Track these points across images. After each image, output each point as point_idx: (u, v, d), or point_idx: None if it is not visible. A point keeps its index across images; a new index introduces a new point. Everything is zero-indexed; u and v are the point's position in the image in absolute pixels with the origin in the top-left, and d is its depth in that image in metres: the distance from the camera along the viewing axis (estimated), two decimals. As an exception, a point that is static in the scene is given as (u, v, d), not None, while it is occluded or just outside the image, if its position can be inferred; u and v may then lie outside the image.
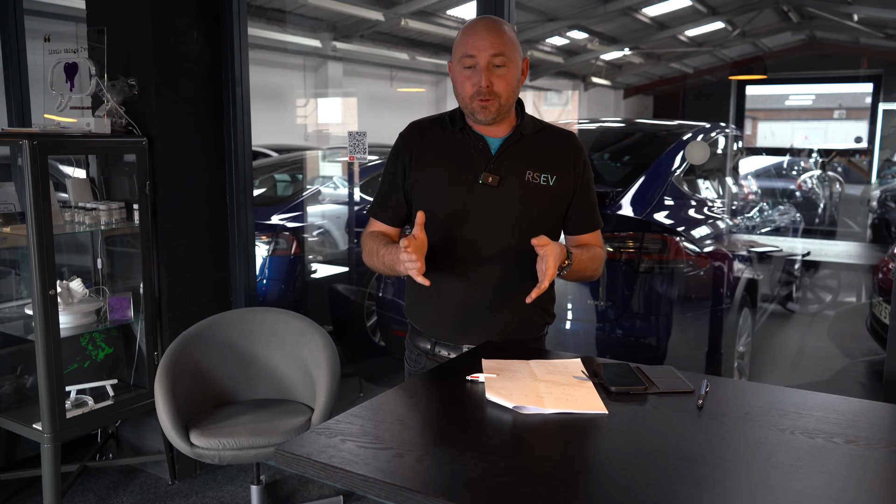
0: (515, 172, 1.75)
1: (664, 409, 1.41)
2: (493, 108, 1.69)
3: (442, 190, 1.77)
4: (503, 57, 1.67)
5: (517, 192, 1.74)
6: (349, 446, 1.23)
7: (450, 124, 1.80)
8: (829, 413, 1.38)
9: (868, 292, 5.01)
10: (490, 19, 1.72)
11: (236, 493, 3.04)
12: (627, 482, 1.12)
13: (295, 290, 4.40)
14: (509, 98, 1.72)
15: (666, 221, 3.37)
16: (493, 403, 1.41)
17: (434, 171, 1.78)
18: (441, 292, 1.79)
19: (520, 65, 1.73)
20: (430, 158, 1.79)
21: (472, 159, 1.75)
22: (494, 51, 1.66)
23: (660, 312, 3.31)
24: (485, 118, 1.71)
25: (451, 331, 1.82)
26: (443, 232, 1.76)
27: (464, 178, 1.75)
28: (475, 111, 1.71)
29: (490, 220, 1.74)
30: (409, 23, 9.26)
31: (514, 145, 1.77)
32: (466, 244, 1.76)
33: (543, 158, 1.77)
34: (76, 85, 2.82)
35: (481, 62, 1.66)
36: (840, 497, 1.07)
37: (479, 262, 1.76)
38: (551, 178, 1.76)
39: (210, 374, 2.69)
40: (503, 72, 1.68)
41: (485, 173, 1.73)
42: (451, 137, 1.79)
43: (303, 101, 11.41)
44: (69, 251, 3.09)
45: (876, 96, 6.60)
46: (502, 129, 1.78)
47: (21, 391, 2.95)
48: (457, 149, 1.77)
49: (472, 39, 1.67)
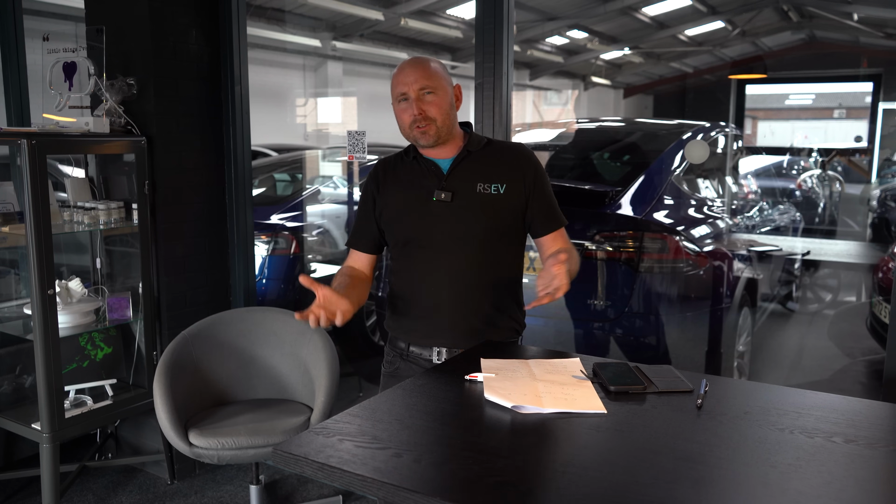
0: (467, 186, 1.87)
1: (663, 409, 1.41)
2: (432, 131, 1.84)
3: (403, 212, 1.92)
4: (430, 87, 1.83)
5: (470, 203, 1.86)
6: (347, 446, 1.23)
7: (406, 157, 1.97)
8: (828, 412, 1.37)
9: (868, 291, 5.01)
10: (415, 59, 1.90)
11: (235, 493, 3.03)
12: (626, 482, 1.12)
13: (294, 290, 4.39)
14: (445, 120, 1.85)
15: (665, 221, 3.37)
16: (492, 403, 1.41)
17: (395, 198, 1.94)
18: (413, 306, 1.94)
19: (450, 91, 1.88)
20: (393, 188, 1.95)
21: (427, 182, 1.90)
22: (420, 84, 1.83)
23: (659, 312, 3.30)
24: (426, 142, 1.86)
25: (421, 335, 1.93)
26: (409, 251, 1.92)
27: (420, 198, 1.89)
28: (417, 138, 1.86)
29: (449, 233, 1.86)
30: (409, 22, 9.26)
31: (463, 162, 1.90)
32: (431, 259, 1.88)
33: (493, 170, 1.90)
34: (75, 84, 2.82)
35: (411, 94, 1.83)
36: (839, 496, 1.07)
37: (444, 274, 1.88)
38: (502, 186, 1.88)
39: (209, 374, 2.69)
40: (432, 98, 1.84)
41: (437, 190, 1.87)
42: (409, 167, 1.95)
43: (302, 101, 11.40)
44: (68, 251, 3.08)
45: (876, 95, 6.60)
46: (450, 150, 1.91)
47: (20, 391, 2.95)
48: (413, 176, 1.93)
49: (401, 77, 1.86)
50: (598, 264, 3.25)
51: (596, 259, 3.25)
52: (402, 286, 1.96)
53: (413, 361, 1.95)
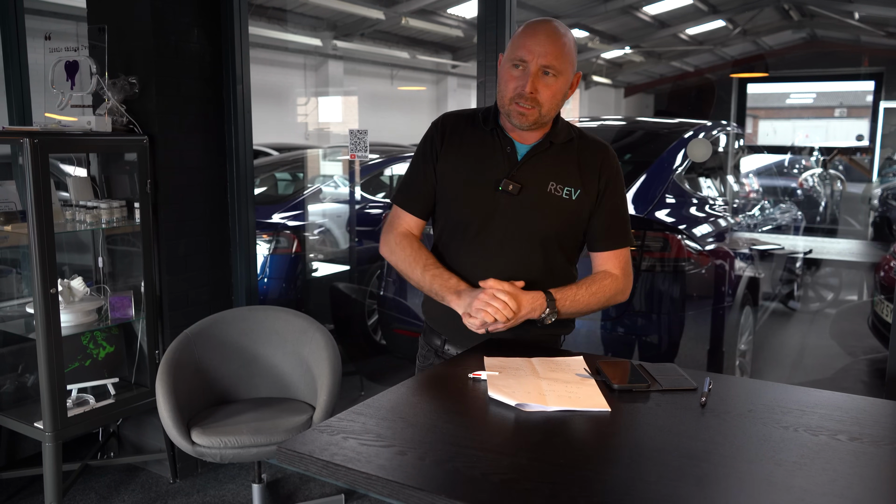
0: (538, 182, 1.69)
1: (667, 407, 1.40)
2: (532, 117, 1.63)
3: (460, 190, 1.72)
4: (555, 68, 1.61)
5: (537, 203, 1.68)
6: (351, 444, 1.23)
7: (482, 122, 1.74)
8: (832, 410, 1.37)
9: (869, 290, 5.01)
10: (554, 24, 1.64)
11: (238, 492, 3.04)
12: (631, 479, 1.12)
13: (296, 289, 4.39)
14: (551, 110, 1.65)
15: (667, 219, 3.37)
16: (496, 401, 1.41)
17: (456, 169, 1.73)
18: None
19: (570, 79, 1.67)
20: (456, 155, 1.73)
21: (497, 163, 1.70)
22: (546, 61, 1.60)
23: (661, 310, 3.30)
24: (521, 124, 1.65)
25: (461, 334, 1.75)
26: (459, 233, 1.74)
27: (485, 181, 1.70)
28: (511, 114, 1.65)
29: (506, 229, 1.70)
30: (410, 21, 9.26)
31: (542, 153, 1.71)
32: (480, 249, 1.72)
33: (570, 170, 1.71)
34: (77, 83, 2.82)
35: (531, 66, 1.60)
36: (844, 494, 1.07)
37: (491, 270, 1.69)
38: (574, 192, 1.70)
39: (211, 373, 2.69)
40: (551, 81, 1.62)
41: (506, 180, 1.67)
42: (480, 136, 1.73)
43: (303, 100, 11.40)
44: (70, 250, 3.08)
45: (877, 94, 6.59)
46: (535, 135, 1.71)
47: (22, 390, 2.95)
48: (483, 149, 1.72)
49: (529, 42, 1.61)
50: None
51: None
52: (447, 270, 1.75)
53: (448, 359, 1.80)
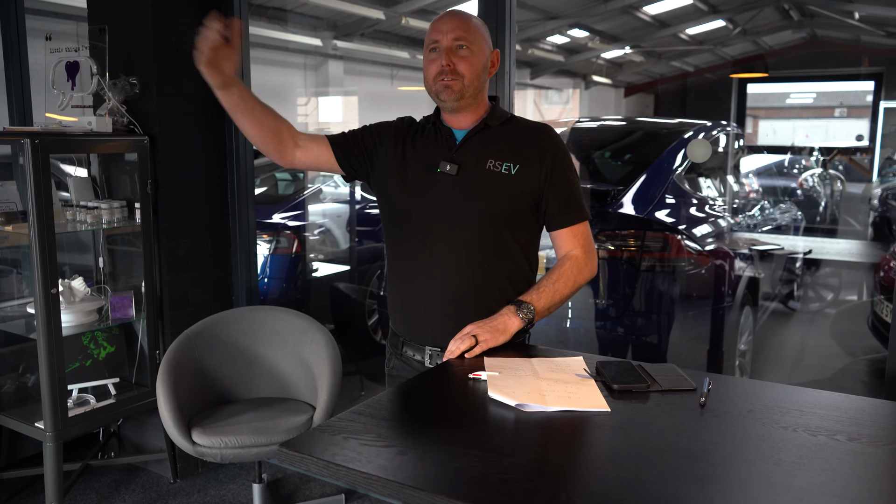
0: (476, 161, 1.73)
1: (666, 407, 1.41)
2: (457, 86, 1.70)
3: (402, 178, 1.77)
4: (466, 41, 1.70)
5: (477, 179, 1.72)
6: (352, 444, 1.23)
7: (426, 121, 1.84)
8: (831, 411, 1.38)
9: (869, 290, 5.01)
10: (457, 10, 1.75)
11: (238, 492, 3.04)
12: (630, 479, 1.12)
13: (296, 289, 4.40)
14: (473, 80, 1.71)
15: (667, 220, 3.37)
16: (496, 401, 1.41)
17: (400, 161, 1.79)
18: (407, 285, 1.80)
19: (487, 54, 1.75)
20: (404, 149, 1.80)
21: (437, 150, 1.76)
22: (455, 35, 1.69)
23: (661, 310, 3.31)
24: (448, 98, 1.71)
25: (414, 328, 1.80)
26: (405, 225, 1.78)
27: (426, 167, 1.75)
28: (439, 92, 1.72)
29: (449, 210, 1.72)
30: (410, 21, 9.25)
31: (478, 134, 1.76)
32: (426, 235, 1.74)
33: (509, 148, 1.75)
34: (77, 84, 2.82)
35: (444, 43, 1.70)
36: (843, 494, 1.07)
37: (439, 254, 1.73)
38: (514, 166, 1.72)
39: (212, 373, 2.69)
40: (466, 53, 1.70)
41: (443, 162, 1.73)
42: (425, 132, 1.82)
43: (304, 100, 11.40)
44: (71, 250, 3.09)
45: (877, 94, 6.59)
46: (469, 119, 1.78)
47: (23, 390, 2.95)
48: (425, 141, 1.80)
49: (437, 25, 1.72)
50: (600, 263, 3.26)
51: (598, 258, 3.25)
52: (397, 267, 1.82)
53: (406, 363, 1.83)
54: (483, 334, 1.66)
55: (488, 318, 1.70)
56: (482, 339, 1.66)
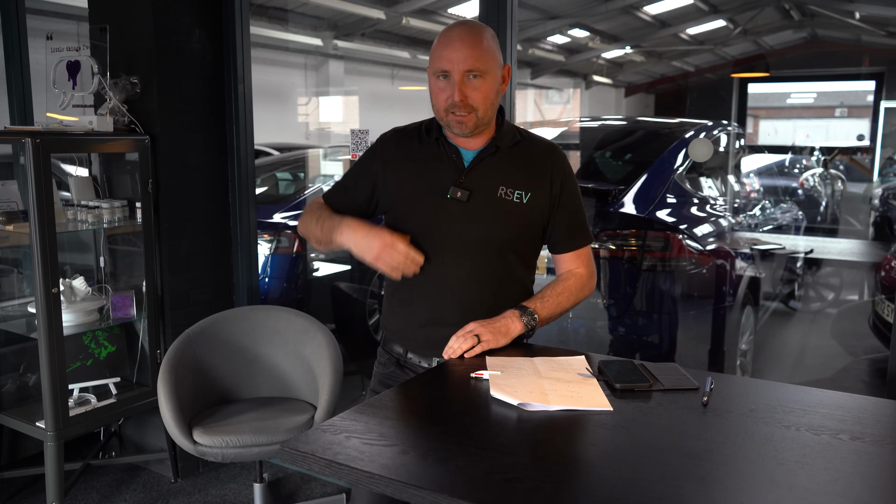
0: (487, 187, 1.68)
1: (669, 406, 1.41)
2: (471, 122, 1.63)
3: (409, 202, 1.72)
4: (479, 70, 1.59)
5: (488, 208, 1.68)
6: (354, 443, 1.23)
7: (426, 134, 1.74)
8: (834, 410, 1.37)
9: (870, 290, 5.01)
10: (467, 27, 1.63)
11: (239, 491, 3.04)
12: (633, 479, 1.12)
13: (297, 289, 4.39)
14: (487, 111, 1.64)
15: (668, 219, 3.37)
16: (498, 400, 1.41)
17: (404, 182, 1.73)
18: (412, 305, 1.76)
19: (499, 74, 1.65)
20: (403, 168, 1.74)
21: (444, 172, 1.70)
22: (468, 65, 1.58)
23: (662, 310, 3.31)
24: (461, 131, 1.65)
25: (420, 344, 1.77)
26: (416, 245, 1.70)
27: (433, 190, 1.69)
28: (451, 125, 1.65)
29: (458, 237, 1.69)
30: (411, 21, 9.25)
31: (488, 157, 1.70)
32: (437, 262, 1.70)
33: (519, 173, 1.71)
34: (78, 83, 2.82)
35: (455, 76, 1.59)
36: (846, 493, 1.07)
37: (447, 279, 1.71)
38: (525, 195, 1.69)
39: (213, 373, 2.69)
40: (479, 84, 1.60)
41: (454, 188, 1.66)
42: (426, 148, 1.73)
43: (304, 100, 11.41)
44: (72, 249, 3.09)
45: (878, 94, 6.59)
46: (479, 140, 1.71)
47: (24, 389, 2.95)
48: (429, 160, 1.72)
49: (447, 52, 1.60)
50: (601, 263, 3.26)
51: (599, 257, 3.25)
52: (403, 285, 1.77)
53: (410, 369, 1.80)
54: (485, 334, 1.66)
55: (492, 319, 1.69)
56: (484, 339, 1.65)
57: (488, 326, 1.67)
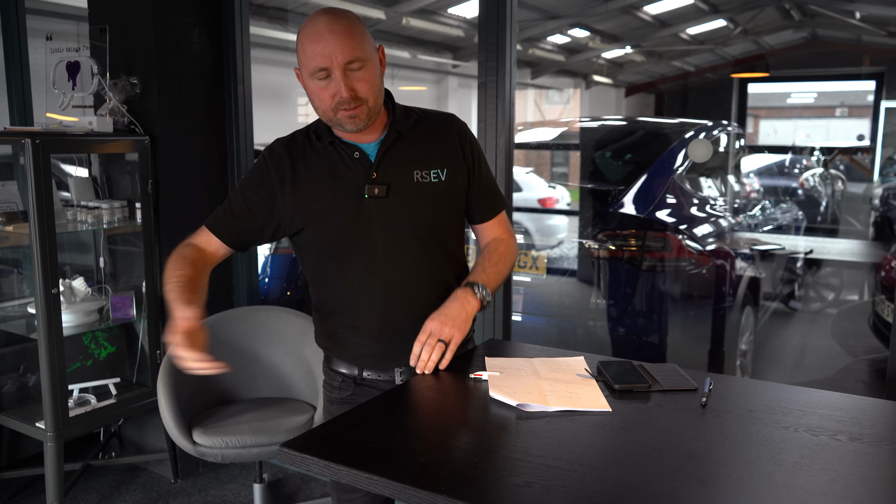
0: (402, 176, 1.57)
1: (668, 407, 1.41)
2: (363, 115, 1.50)
3: (322, 214, 1.57)
4: (359, 58, 1.46)
5: (409, 196, 1.57)
6: (353, 444, 1.23)
7: (317, 140, 1.60)
8: (832, 410, 1.37)
9: (870, 290, 5.01)
10: (331, 16, 1.48)
11: (239, 492, 3.04)
12: (631, 479, 1.12)
13: (297, 289, 4.39)
14: (377, 99, 1.52)
15: (668, 219, 3.37)
16: (497, 401, 1.41)
17: (311, 196, 1.57)
18: (356, 322, 1.64)
19: (377, 59, 1.53)
20: (304, 181, 1.58)
21: (351, 172, 1.57)
22: (347, 57, 1.44)
23: (662, 310, 3.31)
24: (355, 126, 1.51)
25: (377, 360, 1.66)
26: (342, 258, 1.59)
27: (346, 195, 1.56)
28: (342, 122, 1.50)
29: (386, 236, 1.57)
30: (411, 21, 9.25)
31: (393, 145, 1.59)
32: (370, 265, 1.58)
33: (428, 152, 1.61)
34: (78, 84, 2.82)
35: (336, 71, 1.45)
36: (844, 494, 1.07)
37: (388, 281, 1.59)
38: (442, 171, 1.60)
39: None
40: (362, 74, 1.47)
41: (368, 185, 1.54)
42: (323, 154, 1.59)
43: (304, 100, 11.40)
44: (71, 250, 3.09)
45: (878, 94, 6.59)
46: (375, 131, 1.59)
47: (24, 390, 2.95)
48: (332, 165, 1.58)
49: (320, 47, 1.44)
50: (601, 263, 3.26)
51: (598, 258, 3.26)
52: (336, 302, 1.64)
53: (370, 386, 1.67)
54: (448, 331, 1.54)
55: (444, 309, 1.57)
56: (449, 336, 1.55)
57: (447, 321, 1.55)
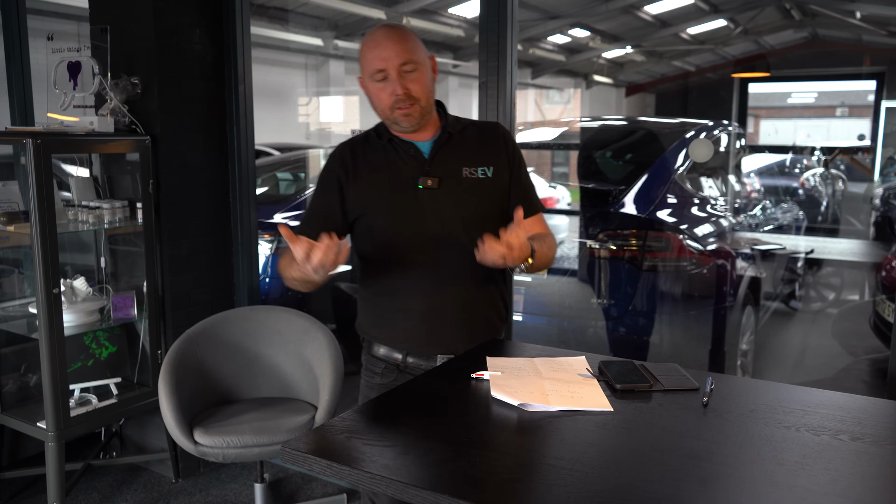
0: (452, 171, 1.76)
1: (669, 407, 1.41)
2: (416, 112, 1.71)
3: (384, 202, 1.76)
4: (412, 62, 1.68)
5: (458, 190, 1.75)
6: (355, 444, 1.23)
7: (377, 139, 1.81)
8: (834, 410, 1.38)
9: (871, 290, 5.01)
10: (389, 27, 1.74)
11: (240, 492, 3.04)
12: (633, 479, 1.12)
13: (298, 289, 4.39)
14: (428, 99, 1.73)
15: (669, 219, 3.37)
16: (499, 401, 1.42)
17: (373, 186, 1.76)
18: (403, 306, 1.77)
19: (429, 65, 1.75)
20: (367, 174, 1.77)
21: (407, 167, 1.75)
22: (402, 59, 1.67)
23: (663, 310, 3.31)
24: (409, 124, 1.72)
25: (421, 344, 1.78)
26: (393, 244, 1.76)
27: (402, 186, 1.74)
28: (398, 120, 1.72)
29: (437, 223, 1.73)
30: (411, 21, 9.25)
31: (445, 145, 1.78)
32: (419, 252, 1.74)
33: (476, 153, 1.79)
34: (79, 84, 2.82)
35: (392, 72, 1.68)
36: (846, 494, 1.07)
37: (435, 268, 1.74)
38: (488, 169, 1.78)
39: (213, 373, 2.69)
40: (415, 75, 1.69)
41: (422, 177, 1.73)
42: (382, 151, 1.79)
43: (305, 100, 11.41)
44: (72, 250, 3.09)
45: (879, 94, 6.59)
46: (429, 132, 1.79)
47: (25, 390, 2.95)
48: (390, 161, 1.77)
49: (378, 52, 1.69)
50: (602, 263, 3.26)
51: (599, 257, 3.26)
52: (387, 287, 1.79)
53: (412, 373, 1.78)
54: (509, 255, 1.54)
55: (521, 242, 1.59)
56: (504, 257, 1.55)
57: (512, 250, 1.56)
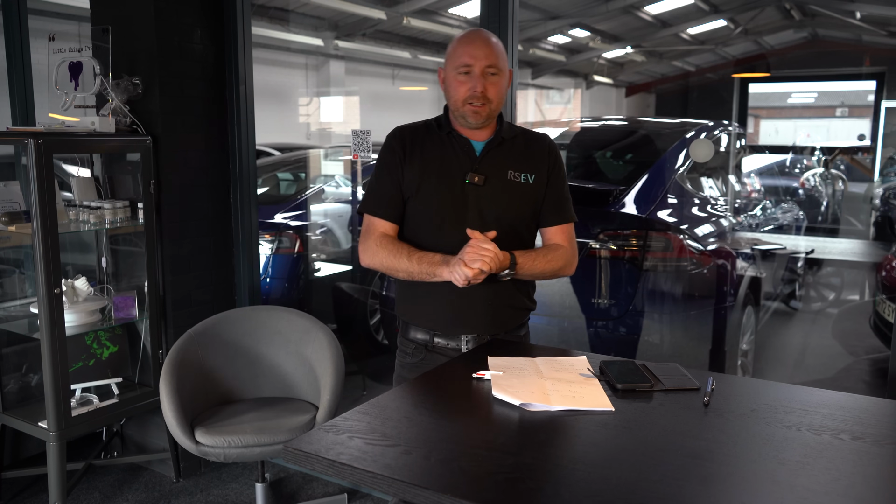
0: (499, 172, 1.89)
1: (670, 406, 1.41)
2: (485, 112, 1.84)
3: (432, 189, 1.88)
4: (496, 67, 1.83)
5: (501, 190, 1.88)
6: (357, 443, 1.23)
7: (437, 129, 1.94)
8: (835, 410, 1.38)
9: (871, 290, 5.01)
10: (486, 33, 1.88)
11: (241, 491, 3.04)
12: (634, 479, 1.12)
13: (299, 289, 4.40)
14: (499, 105, 1.87)
15: (669, 219, 3.37)
16: (500, 401, 1.42)
17: (424, 170, 1.89)
18: (435, 290, 1.86)
19: (507, 76, 1.89)
20: (420, 159, 1.90)
21: (459, 160, 1.89)
22: (489, 61, 1.82)
23: (663, 310, 3.31)
24: (475, 121, 1.86)
25: (448, 325, 1.91)
26: (434, 229, 1.88)
27: (452, 176, 1.88)
28: (467, 115, 1.85)
29: (477, 218, 1.85)
30: (412, 21, 9.26)
31: (496, 147, 1.91)
32: (456, 241, 1.81)
33: (523, 159, 1.93)
34: (80, 84, 2.83)
35: (477, 70, 1.81)
36: (847, 493, 1.08)
37: None
38: (531, 176, 1.91)
39: (214, 373, 2.69)
40: (496, 80, 1.84)
41: (471, 173, 1.86)
42: (438, 141, 1.92)
43: (305, 100, 11.41)
44: (74, 250, 3.09)
45: (879, 94, 6.59)
46: (485, 132, 1.92)
47: (26, 389, 2.96)
48: (444, 151, 1.91)
49: (470, 49, 1.83)
50: (602, 263, 3.26)
51: (600, 257, 3.26)
52: None
53: (439, 352, 1.91)
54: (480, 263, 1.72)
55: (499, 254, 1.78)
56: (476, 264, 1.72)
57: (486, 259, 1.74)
